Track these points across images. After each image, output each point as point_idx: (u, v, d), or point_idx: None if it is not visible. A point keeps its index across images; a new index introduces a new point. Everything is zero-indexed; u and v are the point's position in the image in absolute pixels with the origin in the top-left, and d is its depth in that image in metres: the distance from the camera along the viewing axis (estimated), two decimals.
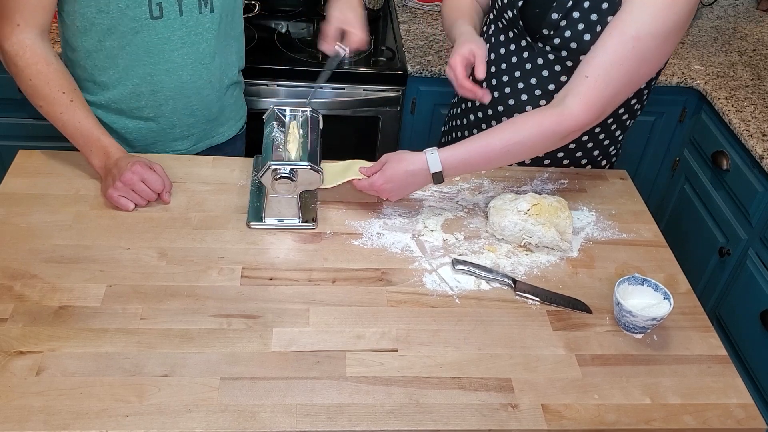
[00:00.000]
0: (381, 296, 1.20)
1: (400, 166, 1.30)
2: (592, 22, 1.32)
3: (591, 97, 1.27)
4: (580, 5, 1.33)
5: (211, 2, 1.39)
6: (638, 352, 1.16)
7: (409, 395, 1.04)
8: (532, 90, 1.45)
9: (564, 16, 1.35)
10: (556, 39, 1.37)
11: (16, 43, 1.29)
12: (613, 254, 1.35)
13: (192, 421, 0.98)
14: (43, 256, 1.21)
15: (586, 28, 1.33)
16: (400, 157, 1.31)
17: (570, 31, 1.35)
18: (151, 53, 1.38)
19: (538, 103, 1.45)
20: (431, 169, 1.28)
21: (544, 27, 1.37)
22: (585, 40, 1.34)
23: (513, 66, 1.47)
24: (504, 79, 1.48)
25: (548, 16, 1.36)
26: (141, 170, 1.30)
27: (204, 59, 1.44)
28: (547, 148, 1.33)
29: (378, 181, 1.30)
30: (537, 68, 1.44)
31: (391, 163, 1.31)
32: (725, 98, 2.06)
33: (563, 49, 1.37)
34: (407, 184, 1.32)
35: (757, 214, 1.90)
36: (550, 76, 1.43)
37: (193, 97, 1.47)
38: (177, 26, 1.37)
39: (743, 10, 2.63)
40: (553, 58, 1.40)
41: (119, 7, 1.31)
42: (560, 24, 1.35)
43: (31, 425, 0.95)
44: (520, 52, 1.45)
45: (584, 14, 1.33)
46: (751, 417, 1.08)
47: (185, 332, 1.10)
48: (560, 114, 1.27)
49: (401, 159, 1.30)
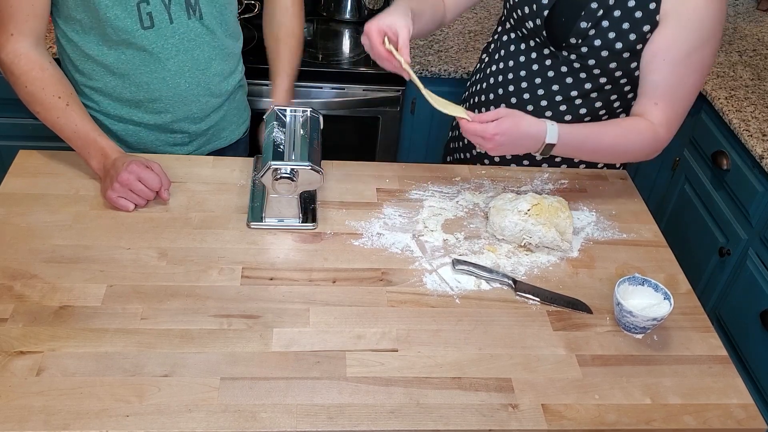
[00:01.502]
0: (381, 296, 1.20)
1: (520, 123, 1.27)
2: (624, 30, 1.33)
3: (669, 118, 1.35)
4: (611, 14, 1.34)
5: (200, 8, 1.38)
6: (638, 353, 1.16)
7: (410, 395, 1.04)
8: (553, 96, 1.46)
9: (593, 25, 1.35)
10: (584, 48, 1.37)
11: (11, 52, 1.30)
12: (614, 254, 1.35)
13: (192, 421, 0.98)
14: (43, 256, 1.21)
15: (617, 36, 1.34)
16: (520, 115, 1.28)
17: (600, 39, 1.35)
18: (146, 62, 1.38)
19: (559, 108, 1.46)
20: (548, 139, 1.28)
21: (571, 36, 1.37)
22: (617, 49, 1.35)
23: (533, 73, 1.47)
24: (523, 85, 1.48)
25: (576, 25, 1.36)
26: (137, 169, 1.30)
27: (200, 65, 1.43)
28: (639, 158, 1.42)
29: (492, 129, 1.25)
30: (560, 76, 1.44)
31: (511, 117, 1.27)
32: (725, 98, 2.06)
33: (591, 58, 1.38)
34: (518, 144, 1.29)
35: (757, 214, 1.90)
36: (573, 83, 1.43)
37: (192, 104, 1.47)
38: (169, 34, 1.37)
39: (743, 10, 2.63)
40: (578, 66, 1.41)
41: (109, 17, 1.31)
42: (589, 33, 1.36)
43: (31, 425, 0.95)
44: (541, 60, 1.45)
45: (615, 23, 1.34)
46: (751, 417, 1.08)
47: (185, 332, 1.10)
48: (655, 132, 1.35)
49: (522, 117, 1.28)
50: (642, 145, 1.36)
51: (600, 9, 1.34)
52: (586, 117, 1.46)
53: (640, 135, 1.35)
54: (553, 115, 1.47)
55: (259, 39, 2.13)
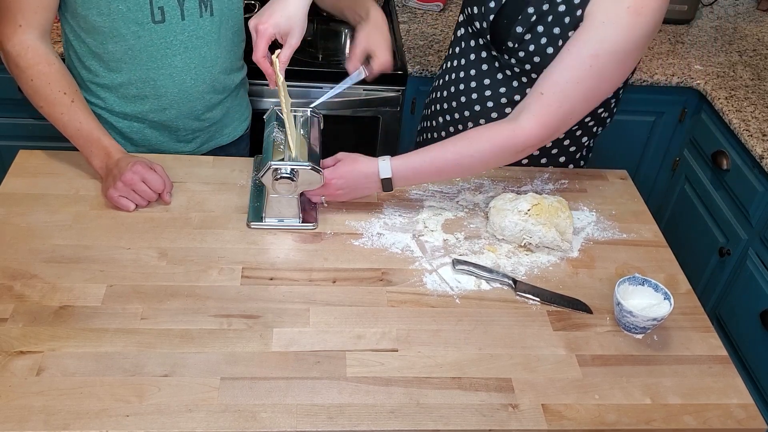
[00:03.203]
0: (381, 296, 1.20)
1: (354, 166, 1.30)
2: (554, 35, 1.32)
3: (545, 114, 1.25)
4: (544, 19, 1.32)
5: (211, 6, 1.38)
6: (638, 353, 1.16)
7: (410, 395, 1.04)
8: (498, 98, 1.45)
9: (528, 30, 1.34)
10: (520, 52, 1.36)
11: (18, 43, 1.29)
12: (614, 254, 1.35)
13: (192, 421, 0.98)
14: (43, 256, 1.21)
15: (548, 41, 1.32)
16: (355, 158, 1.31)
17: (533, 44, 1.34)
18: (153, 58, 1.38)
19: (504, 111, 1.45)
20: (381, 174, 1.28)
21: (509, 40, 1.36)
22: (548, 54, 1.33)
23: (481, 73, 1.46)
24: (472, 84, 1.48)
25: (513, 29, 1.35)
26: (141, 170, 1.30)
27: (206, 63, 1.43)
28: (500, 162, 1.34)
29: (329, 176, 1.29)
30: (505, 79, 1.43)
31: (346, 162, 1.31)
32: (725, 98, 2.06)
33: (527, 63, 1.36)
34: (357, 186, 1.32)
35: (757, 214, 1.90)
36: (517, 87, 1.42)
37: (197, 101, 1.47)
38: (179, 30, 1.37)
39: (743, 10, 2.63)
40: (518, 70, 1.40)
41: (120, 10, 1.31)
42: (524, 38, 1.34)
43: (31, 425, 0.95)
44: (490, 61, 1.45)
45: (547, 28, 1.32)
46: (751, 417, 1.08)
47: (185, 332, 1.10)
48: (513, 130, 1.27)
49: (356, 160, 1.31)
50: (493, 150, 1.28)
51: (534, 14, 1.33)
52: None
53: (488, 141, 1.28)
54: (498, 117, 1.45)
55: None
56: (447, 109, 1.55)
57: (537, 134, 1.26)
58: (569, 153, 1.55)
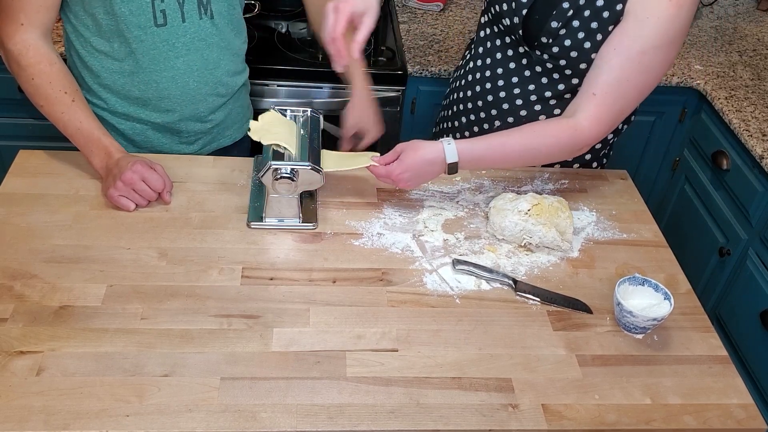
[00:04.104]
0: (381, 296, 1.20)
1: (417, 155, 1.29)
2: (592, 30, 1.32)
3: (601, 113, 1.30)
4: (581, 14, 1.33)
5: (210, 8, 1.38)
6: (639, 353, 1.16)
7: (410, 395, 1.04)
8: (528, 95, 1.45)
9: (564, 25, 1.34)
10: (554, 47, 1.36)
11: (20, 42, 1.29)
12: (614, 254, 1.35)
13: (192, 421, 0.98)
14: (43, 256, 1.21)
15: (586, 36, 1.33)
16: (416, 145, 1.30)
17: (570, 39, 1.34)
18: (155, 60, 1.38)
19: (533, 108, 1.45)
20: (447, 159, 1.28)
21: (543, 35, 1.37)
22: (585, 49, 1.33)
23: (510, 71, 1.46)
24: (499, 83, 1.48)
25: (548, 25, 1.35)
26: (141, 169, 1.30)
27: (208, 65, 1.43)
28: (560, 158, 1.38)
29: (396, 170, 1.29)
30: (535, 75, 1.43)
31: (408, 152, 1.30)
32: (725, 98, 2.06)
33: (561, 58, 1.37)
34: (424, 173, 1.32)
35: (757, 214, 1.90)
36: (548, 83, 1.43)
37: (200, 104, 1.47)
38: (180, 33, 1.37)
39: (743, 10, 2.62)
40: (551, 66, 1.40)
41: (123, 12, 1.31)
42: (559, 33, 1.35)
43: (31, 425, 0.95)
44: (518, 59, 1.44)
45: (584, 23, 1.32)
46: (751, 417, 1.08)
47: (185, 332, 1.10)
48: (575, 128, 1.30)
49: (417, 147, 1.30)
50: (558, 145, 1.32)
51: (570, 9, 1.33)
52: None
53: (553, 137, 1.31)
54: (527, 115, 1.46)
55: (259, 39, 2.13)
56: (472, 108, 1.55)
57: (595, 133, 1.31)
58: (595, 150, 1.56)
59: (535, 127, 1.34)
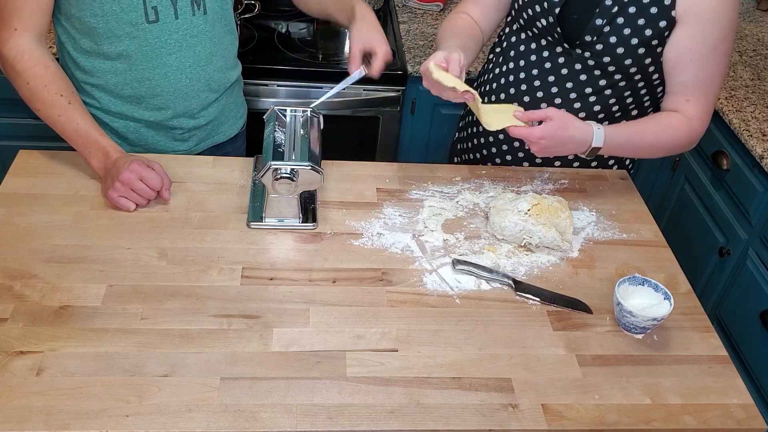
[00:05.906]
0: (381, 296, 1.20)
1: (566, 129, 1.30)
2: (639, 26, 1.33)
3: (702, 112, 1.39)
4: (625, 11, 1.34)
5: (204, 4, 1.39)
6: (638, 353, 1.16)
7: (410, 395, 1.04)
8: (567, 93, 1.46)
9: (608, 22, 1.35)
10: (598, 45, 1.37)
11: (14, 47, 1.30)
12: (614, 254, 1.35)
13: (192, 421, 0.98)
14: (43, 256, 1.21)
15: (632, 33, 1.34)
16: (567, 119, 1.31)
17: (615, 36, 1.35)
18: (148, 57, 1.38)
19: (573, 105, 1.46)
20: (595, 143, 1.32)
21: (586, 33, 1.37)
22: (632, 45, 1.35)
23: (546, 71, 1.46)
24: (536, 83, 1.48)
25: (591, 22, 1.36)
26: (139, 168, 1.30)
27: (201, 62, 1.43)
28: (677, 152, 1.46)
29: (537, 133, 1.29)
30: (574, 73, 1.44)
31: (557, 121, 1.30)
32: (725, 98, 2.06)
33: (606, 55, 1.38)
34: (563, 148, 1.34)
35: (757, 214, 1.90)
36: (588, 80, 1.43)
37: (192, 100, 1.47)
38: (173, 29, 1.37)
39: (743, 10, 2.62)
40: (593, 63, 1.41)
41: (114, 11, 1.31)
42: (604, 30, 1.36)
43: (31, 425, 0.95)
44: (554, 58, 1.45)
45: (629, 19, 1.34)
46: (751, 417, 1.08)
47: (185, 332, 1.10)
48: (689, 125, 1.38)
49: (568, 122, 1.31)
50: (680, 140, 1.40)
51: (614, 6, 1.34)
52: (600, 113, 1.46)
53: (677, 131, 1.39)
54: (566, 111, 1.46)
55: (259, 39, 2.13)
56: None
57: (704, 129, 1.41)
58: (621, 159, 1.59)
59: (660, 119, 1.40)
